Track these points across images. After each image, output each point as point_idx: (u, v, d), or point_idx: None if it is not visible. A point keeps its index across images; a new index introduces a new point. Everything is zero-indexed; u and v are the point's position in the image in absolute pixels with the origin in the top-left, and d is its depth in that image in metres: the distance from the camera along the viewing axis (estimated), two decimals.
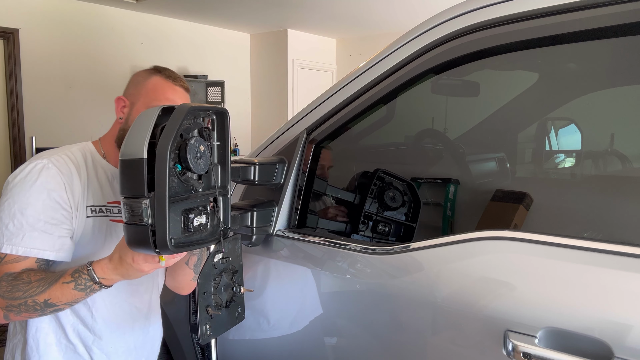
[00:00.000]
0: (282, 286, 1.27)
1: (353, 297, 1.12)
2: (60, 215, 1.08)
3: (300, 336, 1.23)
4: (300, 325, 1.23)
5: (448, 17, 1.08)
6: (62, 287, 1.00)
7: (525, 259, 0.91)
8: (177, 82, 1.22)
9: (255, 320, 1.31)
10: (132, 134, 0.88)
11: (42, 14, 4.68)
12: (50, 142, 4.71)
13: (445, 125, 1.83)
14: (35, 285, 1.00)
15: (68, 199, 1.10)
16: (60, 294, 1.00)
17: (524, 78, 1.58)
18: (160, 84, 1.20)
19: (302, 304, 1.23)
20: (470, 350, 0.94)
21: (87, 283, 1.00)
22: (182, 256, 1.01)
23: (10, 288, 1.00)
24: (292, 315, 1.25)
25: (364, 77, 1.20)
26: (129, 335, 1.22)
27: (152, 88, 1.20)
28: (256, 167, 1.22)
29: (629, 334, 0.78)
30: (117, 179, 1.19)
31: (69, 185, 1.10)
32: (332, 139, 1.30)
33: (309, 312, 1.21)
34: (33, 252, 1.04)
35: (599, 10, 0.89)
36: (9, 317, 1.04)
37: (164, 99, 1.18)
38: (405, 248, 1.07)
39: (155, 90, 1.19)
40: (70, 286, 1.00)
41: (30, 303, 1.00)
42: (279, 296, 1.27)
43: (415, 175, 1.66)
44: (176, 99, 1.20)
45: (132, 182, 0.87)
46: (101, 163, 1.21)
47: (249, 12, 5.39)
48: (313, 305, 1.20)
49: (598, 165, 1.59)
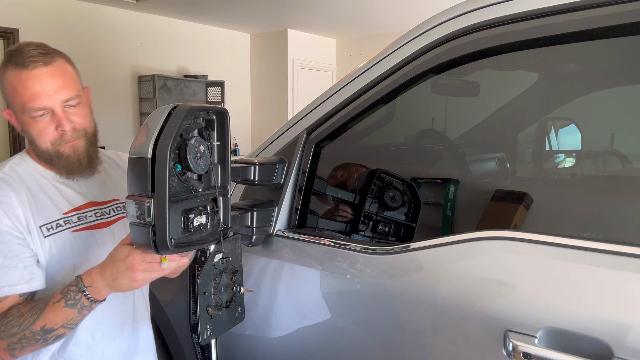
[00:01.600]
0: (282, 286, 1.27)
1: (353, 297, 1.12)
2: (16, 246, 1.00)
3: (300, 336, 1.23)
4: (300, 326, 1.23)
5: (448, 17, 1.08)
6: (53, 308, 0.96)
7: (525, 259, 0.91)
8: (31, 64, 0.99)
9: (255, 320, 1.31)
10: (141, 132, 0.89)
11: (42, 14, 4.68)
12: None
13: (445, 126, 1.83)
14: (27, 316, 0.96)
15: (15, 226, 1.01)
16: (53, 315, 0.96)
17: (524, 78, 1.58)
18: (15, 79, 1.00)
19: (302, 304, 1.23)
20: (470, 350, 0.94)
21: (75, 296, 0.95)
22: (185, 265, 1.00)
23: (4, 327, 0.97)
24: (292, 316, 1.25)
25: (364, 77, 1.20)
26: (120, 340, 1.18)
27: (11, 89, 1.02)
28: (256, 167, 1.22)
29: (629, 334, 0.78)
30: (64, 183, 1.13)
31: (9, 211, 1.01)
32: (332, 139, 1.30)
33: (309, 312, 1.21)
34: (4, 290, 0.98)
35: (599, 10, 0.89)
36: (15, 354, 0.99)
37: (29, 97, 1.00)
38: (405, 248, 1.07)
39: (15, 91, 1.01)
40: (60, 304, 0.96)
41: (28, 335, 0.96)
42: (278, 296, 1.27)
43: (415, 175, 1.66)
44: (44, 88, 1.00)
45: (137, 181, 0.87)
46: (41, 172, 1.10)
47: (249, 12, 5.39)
48: (313, 305, 1.20)
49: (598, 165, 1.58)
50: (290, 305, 1.26)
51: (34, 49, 1.01)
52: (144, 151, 0.86)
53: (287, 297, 1.26)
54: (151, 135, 0.86)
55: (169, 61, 5.77)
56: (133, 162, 0.87)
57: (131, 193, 0.89)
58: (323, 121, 1.27)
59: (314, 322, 1.20)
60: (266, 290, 1.29)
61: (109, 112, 5.27)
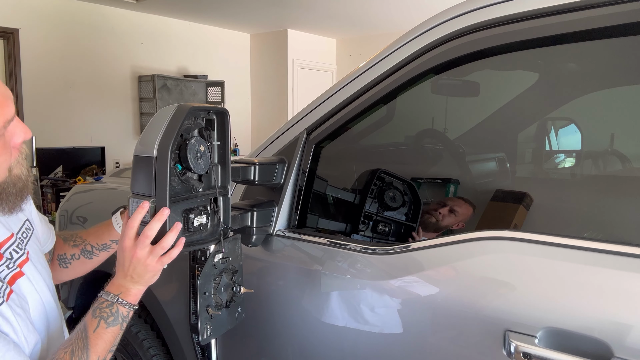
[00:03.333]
0: (282, 286, 1.27)
1: (353, 297, 1.12)
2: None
3: (300, 336, 1.23)
4: (300, 326, 1.23)
5: (448, 17, 1.08)
6: (97, 336, 0.87)
7: (525, 259, 0.91)
8: None
9: (255, 320, 1.31)
10: (146, 131, 0.89)
11: (42, 14, 4.69)
12: (50, 142, 4.72)
13: (445, 126, 1.83)
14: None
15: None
16: (101, 343, 0.87)
17: (524, 78, 1.58)
18: None
19: (302, 304, 1.23)
20: (470, 350, 0.94)
21: (112, 310, 0.89)
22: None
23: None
24: (292, 316, 1.25)
25: (364, 77, 1.20)
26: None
27: None
28: (256, 167, 1.22)
29: (629, 334, 0.78)
30: None
31: None
32: (332, 139, 1.30)
33: (309, 313, 1.21)
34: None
35: (599, 10, 0.89)
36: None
37: None
38: (405, 248, 1.07)
39: None
40: (102, 328, 0.88)
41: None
42: (278, 296, 1.27)
43: (415, 175, 1.66)
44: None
45: (141, 180, 0.87)
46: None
47: (249, 12, 5.39)
48: (313, 305, 1.20)
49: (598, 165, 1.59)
50: (290, 305, 1.26)
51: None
52: (149, 150, 0.86)
53: (287, 297, 1.26)
54: (157, 134, 0.87)
55: (169, 61, 5.78)
56: (138, 160, 0.88)
57: (135, 192, 0.89)
58: (323, 121, 1.27)
59: (314, 322, 1.20)
60: (266, 290, 1.29)
61: (109, 112, 5.27)
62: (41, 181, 4.58)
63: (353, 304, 1.13)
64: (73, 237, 1.16)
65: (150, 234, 0.87)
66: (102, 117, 5.21)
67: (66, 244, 1.15)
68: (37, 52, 4.65)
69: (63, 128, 4.89)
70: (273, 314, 1.28)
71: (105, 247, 1.14)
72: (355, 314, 1.12)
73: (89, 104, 5.08)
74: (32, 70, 4.63)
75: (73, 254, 1.14)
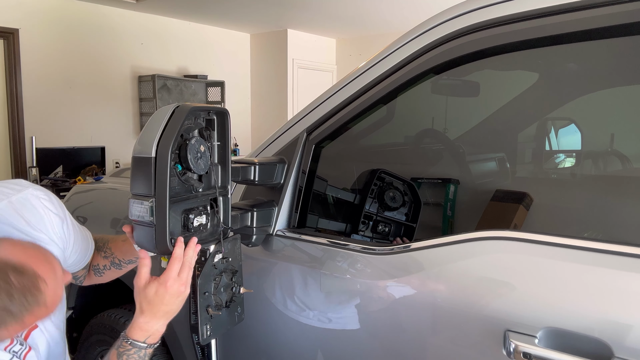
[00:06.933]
0: (282, 286, 1.27)
1: (353, 297, 1.12)
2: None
3: (300, 336, 1.23)
4: (300, 326, 1.23)
5: (448, 17, 1.08)
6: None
7: (525, 259, 0.91)
8: None
9: (255, 320, 1.31)
10: (144, 132, 0.89)
11: (42, 14, 4.68)
12: (50, 142, 4.72)
13: (445, 126, 1.83)
14: None
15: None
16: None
17: (524, 78, 1.58)
18: None
19: (302, 304, 1.23)
20: (470, 350, 0.94)
21: (139, 354, 0.91)
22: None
23: None
24: (292, 316, 1.25)
25: (364, 77, 1.20)
26: None
27: None
28: (256, 167, 1.22)
29: (629, 334, 0.78)
30: None
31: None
32: (332, 139, 1.30)
33: (309, 312, 1.21)
34: None
35: (599, 10, 0.89)
36: None
37: None
38: (405, 248, 1.07)
39: None
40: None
41: None
42: (278, 296, 1.27)
43: (415, 175, 1.66)
44: None
45: (141, 181, 0.87)
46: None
47: (249, 12, 5.39)
48: (313, 305, 1.20)
49: (598, 165, 1.58)
50: (290, 305, 1.26)
51: None
52: (147, 150, 0.86)
53: (287, 297, 1.26)
54: (155, 135, 0.87)
55: (169, 61, 5.77)
56: (137, 161, 0.88)
57: (135, 193, 0.89)
58: (323, 121, 1.27)
59: (313, 322, 1.20)
60: (266, 290, 1.29)
61: (109, 112, 5.27)
62: (41, 181, 4.58)
63: (353, 304, 1.13)
64: (104, 247, 1.18)
65: (173, 274, 0.91)
66: (102, 117, 5.21)
67: (98, 255, 1.18)
68: (37, 52, 4.65)
69: (63, 128, 4.89)
70: (273, 314, 1.28)
71: (132, 262, 1.17)
72: (355, 314, 1.12)
73: (89, 104, 5.07)
74: (32, 70, 4.62)
75: (105, 265, 1.18)
